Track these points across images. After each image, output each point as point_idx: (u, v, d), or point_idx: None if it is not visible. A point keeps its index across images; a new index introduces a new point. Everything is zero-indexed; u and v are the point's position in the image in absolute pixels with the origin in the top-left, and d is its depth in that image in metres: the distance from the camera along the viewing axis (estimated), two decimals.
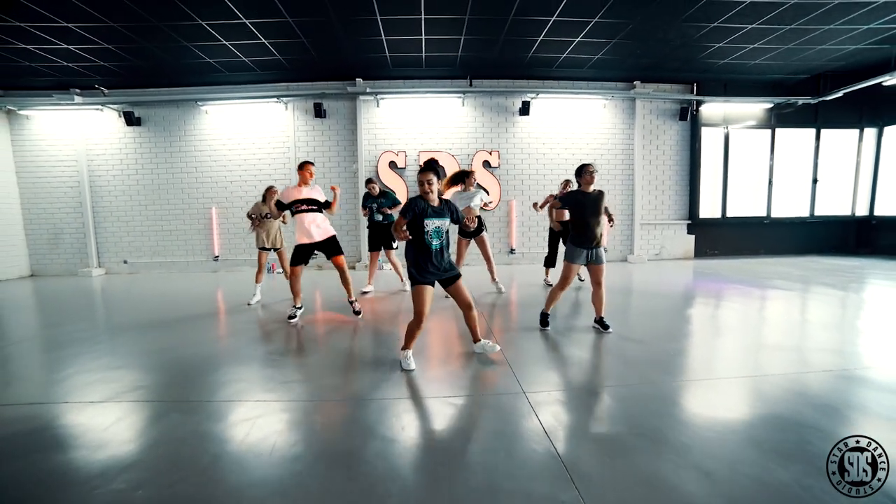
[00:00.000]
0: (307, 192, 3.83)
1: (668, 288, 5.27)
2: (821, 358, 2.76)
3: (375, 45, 5.95)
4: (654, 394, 2.26)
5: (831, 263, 6.88)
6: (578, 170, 3.29)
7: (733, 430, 1.90)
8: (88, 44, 5.50)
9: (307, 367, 2.83)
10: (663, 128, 7.80)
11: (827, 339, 3.16)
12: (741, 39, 5.80)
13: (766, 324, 3.73)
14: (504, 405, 2.16)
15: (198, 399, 2.32)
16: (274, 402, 2.25)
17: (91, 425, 2.04)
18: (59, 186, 7.32)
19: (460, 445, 1.83)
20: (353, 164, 7.41)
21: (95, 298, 5.51)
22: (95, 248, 7.45)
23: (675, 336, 3.33)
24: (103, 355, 3.09)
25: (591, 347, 3.06)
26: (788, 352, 2.92)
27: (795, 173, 7.99)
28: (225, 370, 2.76)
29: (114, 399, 2.33)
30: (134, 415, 2.16)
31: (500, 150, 7.53)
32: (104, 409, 2.21)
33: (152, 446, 1.86)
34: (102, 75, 6.65)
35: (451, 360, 2.87)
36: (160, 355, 3.06)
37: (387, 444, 1.82)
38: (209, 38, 5.50)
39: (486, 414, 2.11)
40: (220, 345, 3.35)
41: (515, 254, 7.75)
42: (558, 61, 6.65)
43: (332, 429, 2.00)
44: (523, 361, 2.77)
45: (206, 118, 7.33)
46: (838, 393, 2.24)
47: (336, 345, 3.25)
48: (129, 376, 2.67)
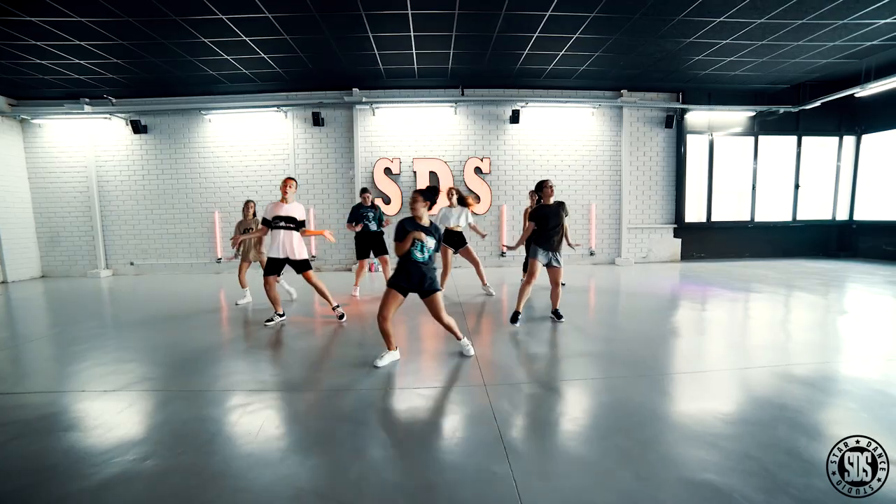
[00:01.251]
0: (286, 210, 4.01)
1: (648, 290, 5.54)
2: (764, 355, 3.03)
3: (369, 59, 6.26)
4: (605, 387, 2.54)
5: (812, 266, 7.12)
6: (538, 185, 3.83)
7: (659, 418, 2.18)
8: (98, 59, 5.85)
9: (293, 362, 3.13)
10: (650, 135, 8.06)
11: (777, 339, 3.42)
12: (718, 53, 6.06)
13: (732, 325, 4.00)
14: (466, 394, 2.46)
15: (198, 389, 2.62)
16: (262, 392, 2.55)
17: (105, 410, 2.35)
18: (69, 192, 7.69)
19: (421, 429, 2.12)
20: (350, 171, 7.72)
21: (104, 298, 5.86)
22: (103, 251, 7.81)
23: (640, 334, 3.61)
24: (114, 350, 3.41)
25: (553, 344, 3.35)
26: (738, 349, 3.20)
27: (778, 179, 8.24)
28: (223, 364, 3.07)
29: (125, 388, 2.64)
30: (143, 402, 2.47)
31: (492, 157, 7.81)
32: (117, 397, 2.52)
33: (159, 426, 2.17)
34: (111, 86, 7.01)
35: (427, 355, 3.16)
36: (165, 350, 3.38)
37: (357, 426, 2.11)
38: (212, 54, 5.83)
39: (448, 402, 2.40)
40: (218, 341, 3.66)
41: (506, 257, 8.03)
42: (546, 72, 6.94)
43: (311, 414, 2.30)
44: (491, 356, 3.07)
45: (209, 126, 7.67)
46: (771, 388, 2.51)
47: (318, 343, 3.55)
48: (139, 369, 2.98)
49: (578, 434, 2.02)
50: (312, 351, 3.38)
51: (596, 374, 2.74)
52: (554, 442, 1.96)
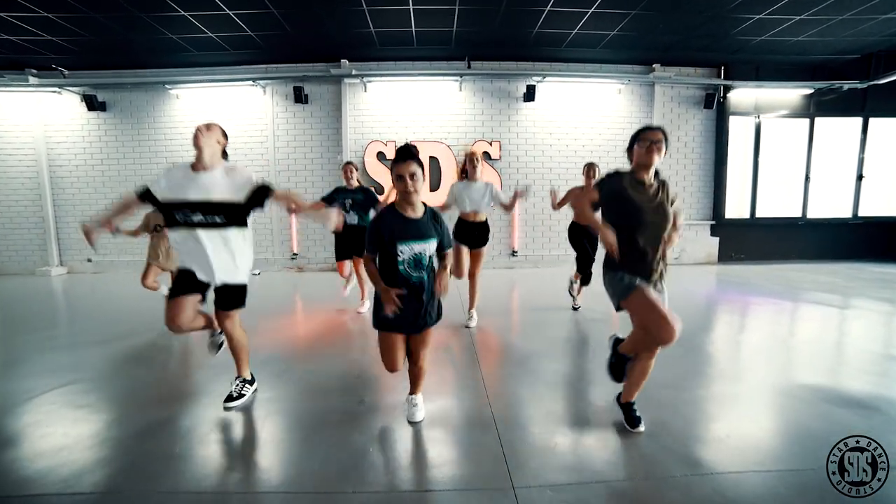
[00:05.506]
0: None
1: (685, 300, 4.46)
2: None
3: (358, 18, 5.19)
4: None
5: (881, 272, 5.99)
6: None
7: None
8: (34, 14, 4.81)
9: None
10: (686, 116, 6.94)
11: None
12: (785, 10, 4.92)
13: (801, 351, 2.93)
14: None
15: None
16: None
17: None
18: (15, 176, 6.68)
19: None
20: (338, 155, 6.68)
21: (53, 302, 4.87)
22: (57, 245, 6.83)
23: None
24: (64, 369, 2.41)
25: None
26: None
27: (837, 168, 7.06)
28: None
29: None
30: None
31: (502, 141, 6.73)
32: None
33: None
34: (59, 53, 5.97)
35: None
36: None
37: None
38: (164, 8, 4.78)
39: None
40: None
41: (517, 256, 6.98)
42: (568, 39, 5.83)
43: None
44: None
45: (176, 103, 6.65)
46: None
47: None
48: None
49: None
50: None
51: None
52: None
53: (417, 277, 1.75)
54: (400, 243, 1.70)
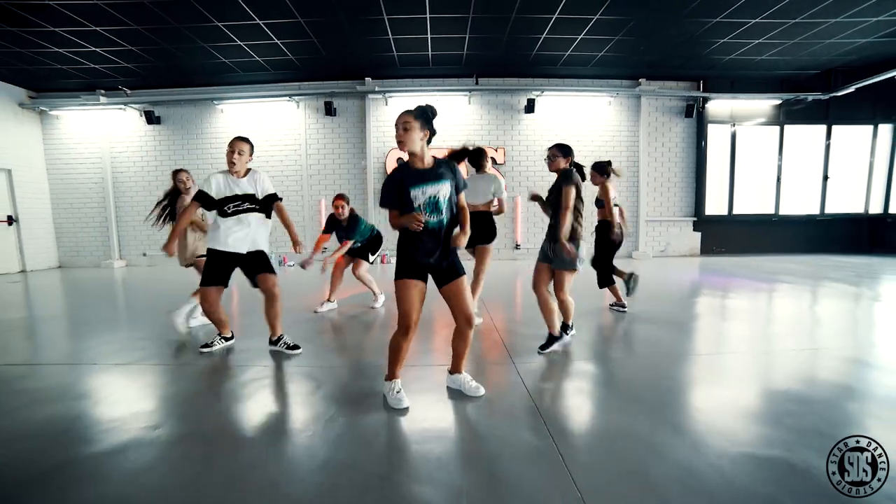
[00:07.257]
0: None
1: (685, 285, 5.32)
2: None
3: (383, 45, 6.16)
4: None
5: (843, 261, 6.80)
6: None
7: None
8: (113, 46, 5.84)
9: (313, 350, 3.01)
10: (669, 125, 7.83)
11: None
12: (746, 35, 5.83)
13: (770, 316, 3.78)
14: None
15: (209, 366, 2.52)
16: (276, 369, 2.44)
17: (116, 382, 2.26)
18: (84, 182, 7.73)
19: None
20: (362, 161, 7.63)
21: (117, 287, 5.83)
22: (117, 241, 7.83)
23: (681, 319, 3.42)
24: (127, 330, 3.33)
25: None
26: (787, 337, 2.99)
27: (805, 171, 7.92)
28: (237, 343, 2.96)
29: (137, 363, 2.54)
30: (154, 376, 2.36)
31: (506, 147, 7.65)
32: (128, 370, 2.42)
33: (170, 398, 2.06)
34: (125, 76, 7.01)
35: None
36: (175, 332, 3.28)
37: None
38: (225, 39, 5.78)
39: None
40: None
41: (520, 249, 7.85)
42: (563, 59, 6.76)
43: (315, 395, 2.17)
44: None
45: (221, 116, 7.65)
46: (805, 369, 2.31)
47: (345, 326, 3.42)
48: (151, 346, 2.88)
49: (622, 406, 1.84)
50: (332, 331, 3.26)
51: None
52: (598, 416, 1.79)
53: (436, 222, 1.84)
54: (412, 188, 1.81)
